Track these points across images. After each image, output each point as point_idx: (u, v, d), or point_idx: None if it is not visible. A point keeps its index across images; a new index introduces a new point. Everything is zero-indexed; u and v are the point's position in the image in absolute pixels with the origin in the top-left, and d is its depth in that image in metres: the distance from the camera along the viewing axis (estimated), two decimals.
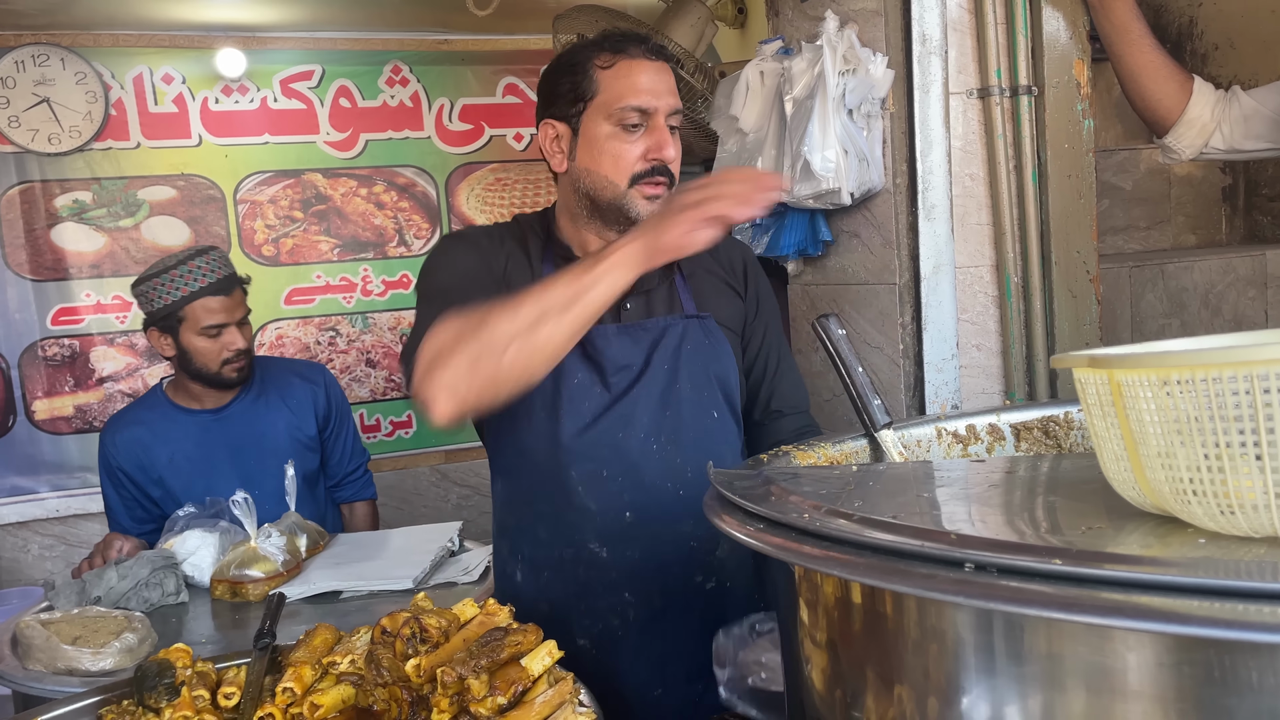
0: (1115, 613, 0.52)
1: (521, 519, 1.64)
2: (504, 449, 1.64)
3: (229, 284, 2.32)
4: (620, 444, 1.55)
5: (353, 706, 1.25)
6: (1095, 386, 0.67)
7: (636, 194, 1.52)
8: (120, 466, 2.36)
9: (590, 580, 1.59)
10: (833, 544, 0.71)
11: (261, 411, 2.46)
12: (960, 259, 1.98)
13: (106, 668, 1.52)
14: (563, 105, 1.54)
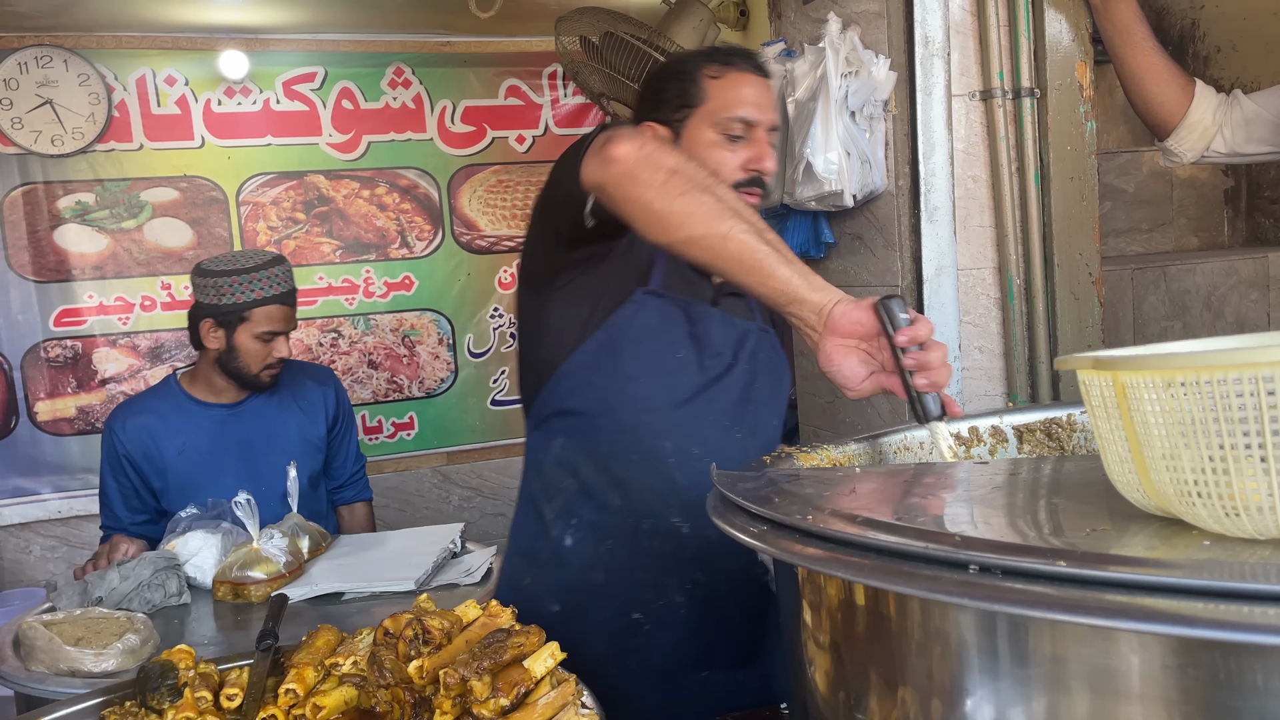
0: (1120, 614, 0.52)
1: (588, 481, 1.59)
2: (574, 407, 1.58)
3: (291, 296, 2.43)
4: (711, 425, 1.56)
5: (355, 708, 1.25)
6: (1099, 388, 0.66)
7: None
8: (126, 454, 2.37)
9: (664, 554, 1.57)
10: (836, 545, 0.71)
11: (275, 411, 2.51)
12: (962, 261, 1.98)
13: (109, 669, 1.52)
14: (667, 110, 1.57)
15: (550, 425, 1.62)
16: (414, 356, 3.95)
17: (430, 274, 3.95)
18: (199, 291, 2.38)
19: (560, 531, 1.61)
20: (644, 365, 1.54)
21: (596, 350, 1.55)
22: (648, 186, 1.25)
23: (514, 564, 1.67)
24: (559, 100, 4.07)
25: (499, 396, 4.09)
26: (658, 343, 1.55)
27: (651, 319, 1.55)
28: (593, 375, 1.56)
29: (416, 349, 3.95)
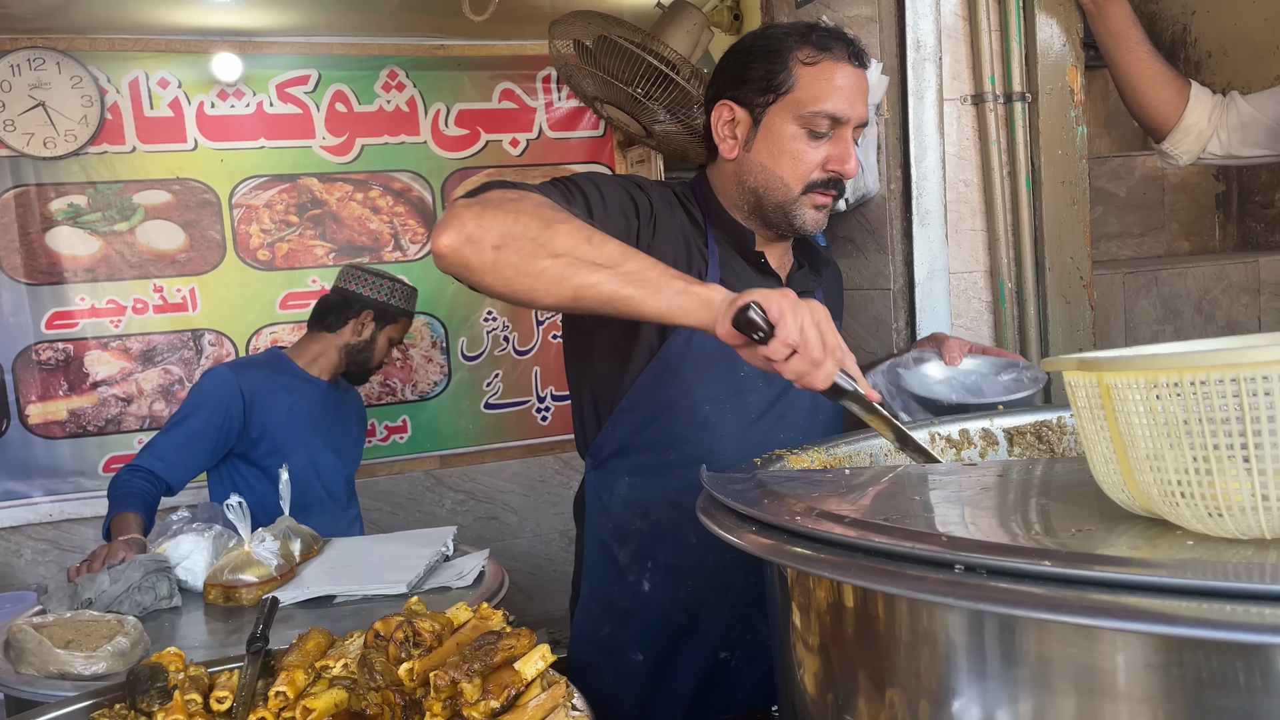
0: (1103, 613, 0.53)
1: (661, 520, 1.51)
2: (639, 443, 1.51)
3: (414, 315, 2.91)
4: (785, 443, 1.43)
5: (345, 710, 1.25)
6: (1085, 389, 0.67)
7: (807, 201, 1.46)
8: (244, 395, 2.56)
9: (748, 587, 1.50)
10: (824, 546, 0.71)
11: (344, 403, 2.86)
12: (954, 265, 1.98)
13: (99, 671, 1.51)
14: (750, 91, 1.46)
15: (613, 465, 1.54)
16: (407, 360, 3.95)
17: (424, 277, 3.94)
18: (365, 286, 2.75)
19: (637, 576, 1.53)
20: (708, 390, 1.46)
21: (654, 381, 1.47)
22: (481, 273, 1.19)
23: (590, 613, 1.58)
24: (553, 104, 4.07)
25: (492, 400, 4.08)
26: (719, 363, 1.46)
27: (709, 340, 1.38)
28: (655, 408, 1.48)
29: (410, 352, 3.95)
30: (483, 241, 1.17)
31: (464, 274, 1.21)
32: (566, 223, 1.19)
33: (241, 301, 3.69)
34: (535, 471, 4.09)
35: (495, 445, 4.08)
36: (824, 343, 1.09)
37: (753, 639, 1.55)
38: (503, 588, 1.94)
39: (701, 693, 1.56)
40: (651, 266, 1.17)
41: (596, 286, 1.15)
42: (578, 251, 1.16)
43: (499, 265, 1.17)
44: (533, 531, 4.03)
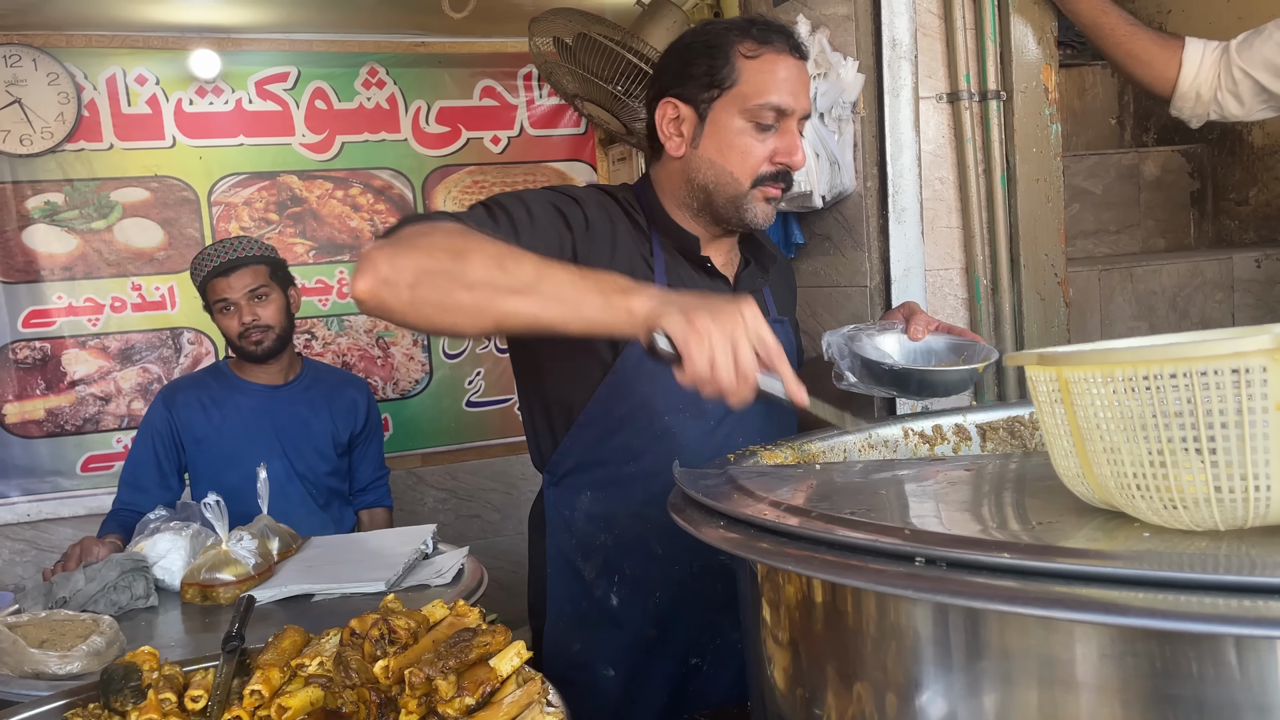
0: (1059, 605, 0.54)
1: (626, 533, 1.51)
2: (599, 457, 1.50)
3: (233, 265, 2.55)
4: (744, 447, 1.43)
5: (321, 708, 1.25)
6: (1045, 384, 0.68)
7: (757, 195, 1.45)
8: (174, 427, 2.55)
9: (715, 594, 1.50)
10: (790, 540, 0.71)
11: (310, 402, 2.68)
12: (930, 262, 2.00)
13: (74, 671, 1.51)
14: (693, 87, 1.45)
15: (573, 480, 1.54)
16: (388, 358, 3.94)
17: None
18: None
19: (604, 591, 1.52)
20: (667, 400, 1.45)
21: (611, 394, 1.46)
22: (401, 315, 1.17)
23: (558, 630, 1.57)
24: (534, 101, 4.07)
25: (474, 398, 4.08)
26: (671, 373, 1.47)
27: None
28: (614, 422, 1.47)
29: (391, 350, 3.94)
30: (398, 282, 1.15)
31: (386, 316, 1.19)
32: (479, 250, 1.17)
33: None
34: (517, 469, 4.09)
35: (477, 443, 4.07)
36: (736, 367, 1.06)
37: (723, 644, 1.55)
38: (481, 585, 1.93)
39: (674, 700, 1.56)
40: (568, 284, 1.14)
41: (516, 314, 1.14)
42: (493, 281, 1.14)
43: (417, 304, 1.15)
44: (514, 529, 4.03)
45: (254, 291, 2.55)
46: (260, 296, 2.56)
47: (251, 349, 2.57)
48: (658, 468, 1.45)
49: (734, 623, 1.54)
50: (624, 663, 1.53)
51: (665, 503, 1.46)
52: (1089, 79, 3.48)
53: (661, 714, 1.54)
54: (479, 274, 1.14)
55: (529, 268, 1.16)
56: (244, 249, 2.58)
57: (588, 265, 1.39)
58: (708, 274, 1.53)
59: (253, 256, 2.58)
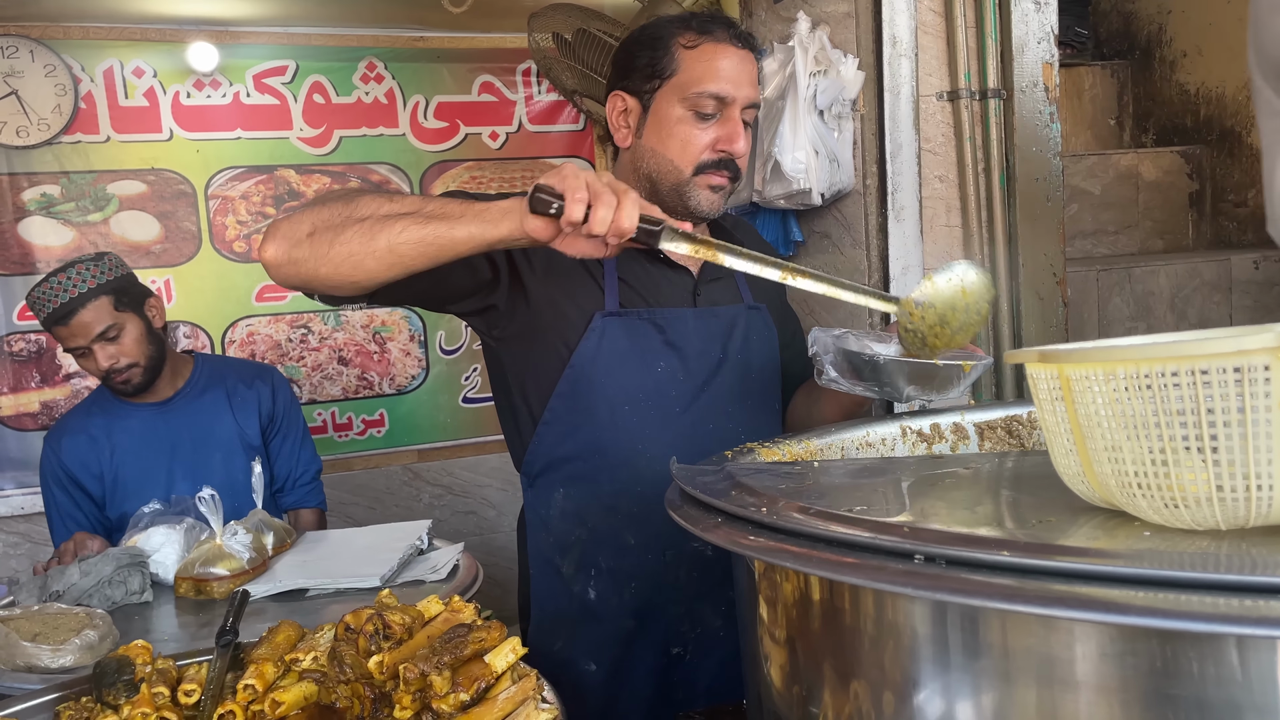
0: (1058, 603, 0.53)
1: (599, 527, 1.52)
2: (566, 453, 1.52)
3: (68, 310, 2.25)
4: (712, 434, 1.48)
5: (315, 704, 1.24)
6: (1046, 382, 0.67)
7: (700, 183, 1.47)
8: (65, 469, 2.35)
9: (692, 582, 1.52)
10: (788, 537, 0.71)
11: (206, 408, 2.46)
12: (929, 260, 2.00)
13: (66, 665, 1.50)
14: (637, 79, 1.48)
15: (545, 479, 1.55)
16: (385, 353, 3.93)
17: None
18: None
19: (582, 586, 1.54)
20: (625, 391, 1.47)
21: (570, 390, 1.48)
22: (303, 262, 1.25)
23: (541, 629, 1.58)
24: (533, 97, 4.06)
25: (470, 394, 4.07)
26: (633, 363, 1.47)
27: (618, 341, 1.47)
28: (576, 417, 1.49)
29: (387, 345, 3.93)
30: (297, 235, 1.25)
31: (292, 271, 1.27)
32: (369, 194, 1.27)
33: (217, 294, 3.66)
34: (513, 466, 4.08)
35: (473, 439, 4.06)
36: (613, 189, 1.14)
37: (704, 632, 1.56)
38: (476, 581, 1.93)
39: (661, 690, 1.57)
40: (451, 201, 1.24)
41: (404, 232, 1.22)
42: (380, 210, 1.24)
43: (315, 247, 1.24)
44: (511, 525, 3.99)
45: (102, 334, 2.27)
46: (110, 338, 2.28)
47: (120, 388, 2.32)
48: (623, 459, 1.49)
49: (714, 610, 1.55)
50: (606, 656, 1.54)
51: (634, 493, 1.49)
52: (1088, 79, 3.48)
53: (649, 706, 1.54)
54: (367, 209, 1.24)
55: (413, 198, 1.27)
56: (75, 285, 2.26)
57: (535, 261, 1.47)
58: (665, 264, 1.55)
59: (88, 293, 2.26)
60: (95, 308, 2.27)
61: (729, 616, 1.54)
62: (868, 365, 1.32)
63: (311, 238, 1.24)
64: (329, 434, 3.84)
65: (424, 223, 1.21)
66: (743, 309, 1.58)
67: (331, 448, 3.83)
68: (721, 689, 1.52)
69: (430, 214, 1.22)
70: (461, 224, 1.21)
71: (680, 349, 1.50)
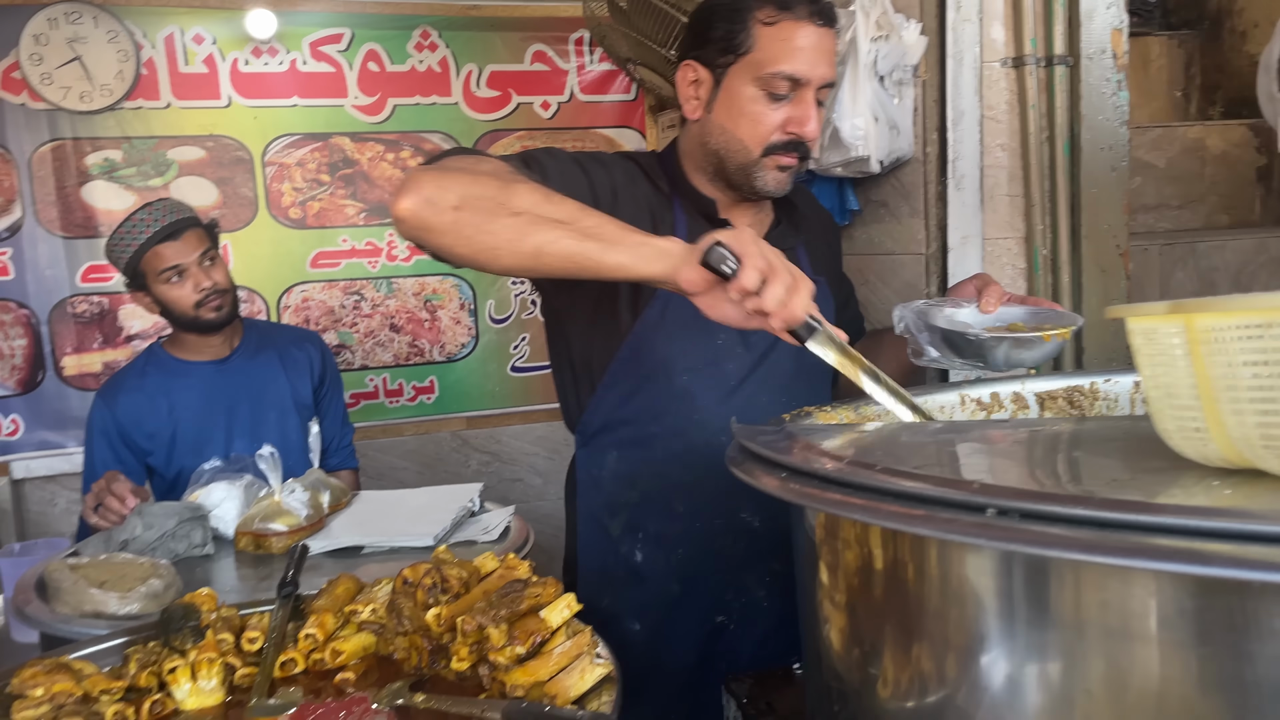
0: (1142, 554, 0.52)
1: (649, 491, 1.53)
2: (623, 417, 1.53)
3: (177, 228, 2.33)
4: (767, 407, 1.48)
5: (373, 654, 1.27)
6: (1166, 336, 0.65)
7: (769, 163, 1.44)
8: (119, 426, 2.38)
9: (738, 552, 1.53)
10: (854, 491, 0.71)
11: (262, 367, 2.51)
12: (988, 230, 1.96)
13: (132, 612, 1.54)
14: (711, 51, 1.44)
15: (600, 440, 1.56)
16: (435, 321, 3.97)
17: None
18: (111, 261, 2.39)
19: (629, 548, 1.55)
20: (686, 360, 1.47)
21: (632, 355, 1.49)
22: (441, 234, 1.19)
23: (587, 584, 1.60)
24: (585, 66, 4.05)
25: (519, 363, 4.10)
26: (694, 333, 1.46)
27: (682, 310, 1.41)
28: (635, 382, 1.49)
29: (438, 313, 3.97)
30: (442, 203, 1.18)
31: (424, 236, 1.21)
32: (525, 183, 1.20)
33: (273, 259, 3.72)
34: (560, 435, 4.10)
35: (521, 408, 4.10)
36: (791, 271, 1.10)
37: (748, 603, 1.56)
38: (528, 543, 1.95)
39: (703, 659, 1.57)
40: (609, 222, 1.17)
41: (556, 243, 1.16)
42: (537, 209, 1.17)
43: (459, 225, 1.18)
44: (555, 494, 4.04)
45: (204, 254, 2.35)
46: (211, 259, 2.37)
47: (212, 316, 2.36)
48: (678, 427, 1.50)
49: (759, 581, 1.55)
50: (649, 617, 1.56)
51: (686, 461, 1.51)
52: (1154, 49, 3.39)
53: (692, 673, 1.55)
54: (524, 202, 1.18)
55: (572, 205, 1.19)
56: (180, 210, 2.37)
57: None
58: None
59: (191, 219, 2.38)
60: (198, 233, 2.37)
61: (774, 588, 1.54)
62: (970, 344, 1.31)
63: (457, 212, 1.18)
64: (380, 400, 3.89)
65: (579, 239, 1.16)
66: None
67: (383, 413, 3.89)
68: (765, 661, 1.53)
69: (587, 230, 1.16)
70: (614, 252, 1.15)
71: None
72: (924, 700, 0.78)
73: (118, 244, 2.35)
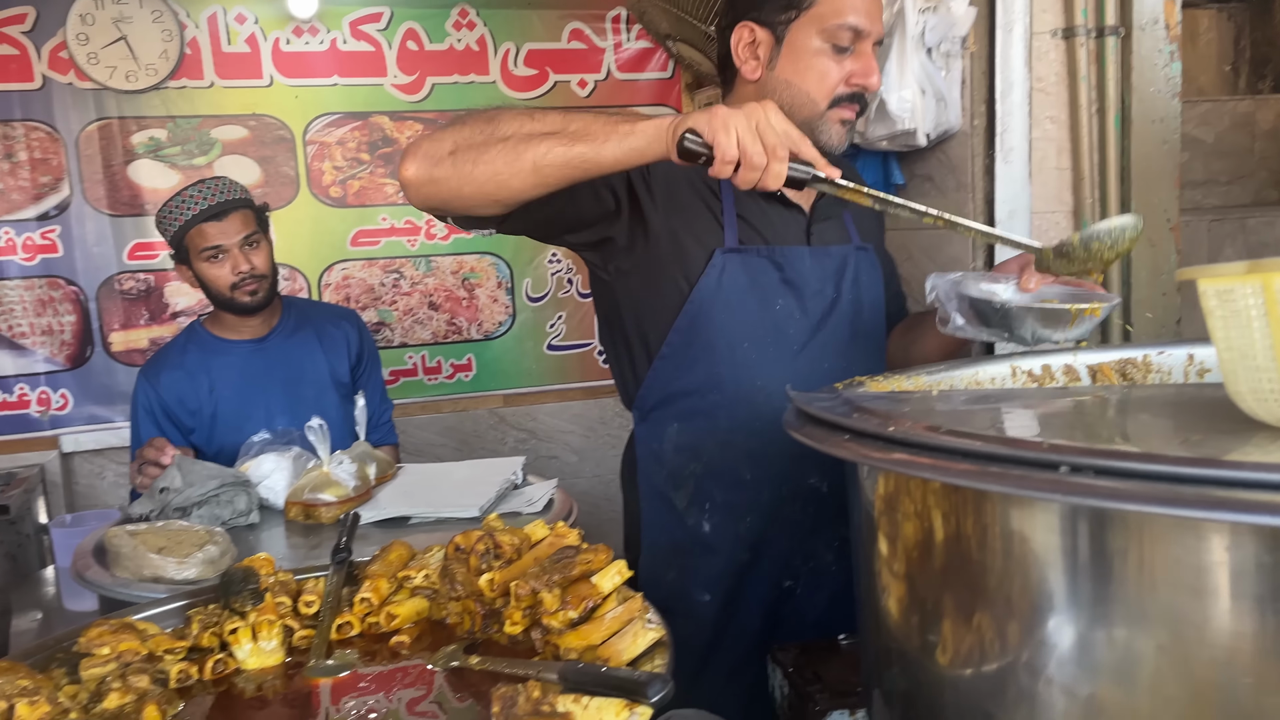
0: (1220, 507, 0.52)
1: (714, 461, 1.54)
2: (682, 388, 1.54)
3: (225, 208, 2.35)
4: (827, 374, 1.48)
5: (426, 619, 1.29)
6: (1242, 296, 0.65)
7: (833, 117, 1.47)
8: (162, 404, 2.42)
9: (806, 517, 1.54)
10: (921, 450, 0.71)
11: (299, 346, 2.54)
12: (1036, 204, 1.94)
13: (189, 577, 1.58)
14: (770, 10, 1.47)
15: (659, 414, 1.57)
16: (473, 299, 3.99)
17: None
18: (160, 231, 2.42)
19: (697, 520, 1.56)
20: (745, 328, 1.48)
21: (690, 325, 1.49)
22: (445, 181, 1.26)
23: (653, 559, 1.60)
24: (622, 44, 4.04)
25: (555, 341, 4.11)
26: (752, 300, 1.48)
27: (738, 277, 1.48)
28: (694, 351, 1.50)
29: (475, 292, 3.99)
30: (438, 153, 1.26)
31: (432, 191, 1.29)
32: (509, 111, 1.27)
33: (314, 238, 3.75)
34: (595, 413, 4.13)
35: (557, 386, 4.12)
36: (764, 145, 1.14)
37: (815, 566, 1.57)
38: (571, 514, 1.97)
39: (769, 623, 1.58)
40: (594, 119, 1.23)
41: (549, 154, 1.22)
42: (523, 129, 1.24)
43: (458, 165, 1.26)
44: (592, 472, 4.08)
45: (247, 239, 2.37)
46: (253, 243, 2.39)
47: (246, 300, 2.39)
48: (740, 395, 1.50)
49: (826, 545, 1.56)
50: (720, 587, 1.56)
51: (751, 429, 1.51)
52: (1203, 22, 3.33)
53: (757, 637, 1.56)
54: (510, 127, 1.25)
55: (555, 115, 1.26)
56: (230, 191, 2.39)
57: (657, 195, 1.47)
58: (780, 203, 1.54)
59: (240, 200, 2.39)
60: (244, 215, 2.39)
61: (840, 552, 1.55)
62: (996, 313, 1.30)
63: (454, 156, 1.25)
64: (419, 377, 3.93)
65: (569, 143, 1.22)
66: (852, 249, 1.58)
67: (421, 390, 3.92)
68: (829, 623, 1.53)
69: (575, 134, 1.22)
70: (608, 147, 1.21)
71: (797, 287, 1.51)
72: (986, 665, 0.78)
73: (165, 217, 2.38)
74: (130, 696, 1.03)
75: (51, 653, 1.14)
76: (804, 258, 1.51)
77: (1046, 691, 0.71)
